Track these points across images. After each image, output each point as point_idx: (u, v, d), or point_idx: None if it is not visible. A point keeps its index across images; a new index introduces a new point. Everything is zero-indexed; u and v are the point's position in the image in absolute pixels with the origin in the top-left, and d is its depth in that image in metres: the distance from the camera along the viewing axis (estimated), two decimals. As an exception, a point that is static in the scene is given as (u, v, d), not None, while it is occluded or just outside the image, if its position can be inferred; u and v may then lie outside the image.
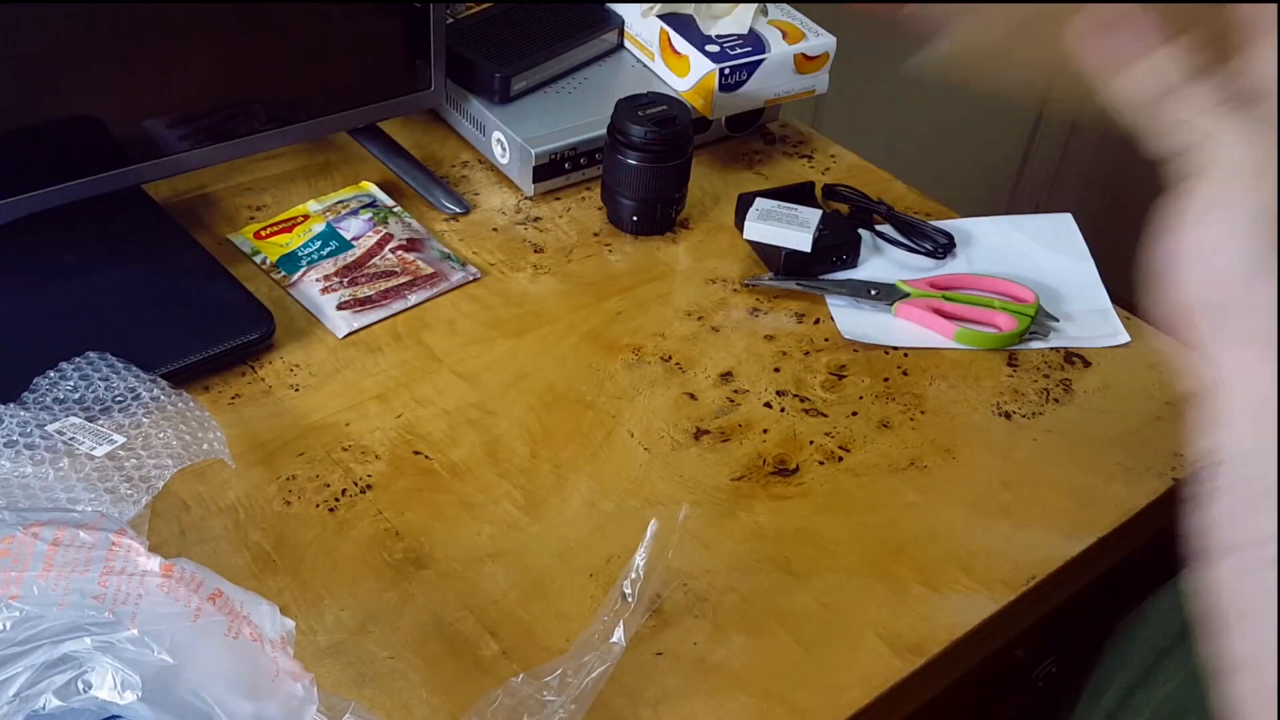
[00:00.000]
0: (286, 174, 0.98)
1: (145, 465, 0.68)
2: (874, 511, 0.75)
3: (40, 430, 0.68)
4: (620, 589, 0.63)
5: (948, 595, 0.70)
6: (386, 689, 0.63)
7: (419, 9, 0.93)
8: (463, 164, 1.02)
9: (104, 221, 0.87)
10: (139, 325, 0.80)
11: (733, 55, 1.00)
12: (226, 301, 0.83)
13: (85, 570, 0.53)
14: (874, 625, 0.68)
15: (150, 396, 0.72)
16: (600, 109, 0.97)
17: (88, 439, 0.68)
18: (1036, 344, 0.88)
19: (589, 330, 0.87)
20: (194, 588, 0.54)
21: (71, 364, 0.73)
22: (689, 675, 0.65)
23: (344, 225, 0.92)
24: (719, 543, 0.72)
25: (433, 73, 0.97)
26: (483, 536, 0.72)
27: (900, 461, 0.78)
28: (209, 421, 0.71)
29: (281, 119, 0.92)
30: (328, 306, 0.86)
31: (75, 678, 0.51)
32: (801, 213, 0.91)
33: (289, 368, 0.82)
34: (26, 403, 0.71)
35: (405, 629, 0.66)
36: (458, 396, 0.81)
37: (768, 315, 0.89)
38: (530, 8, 1.07)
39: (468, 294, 0.89)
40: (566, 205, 0.99)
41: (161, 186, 0.93)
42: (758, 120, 1.08)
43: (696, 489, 0.76)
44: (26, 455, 0.66)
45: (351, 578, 0.69)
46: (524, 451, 0.77)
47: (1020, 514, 0.75)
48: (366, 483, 0.74)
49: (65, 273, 0.83)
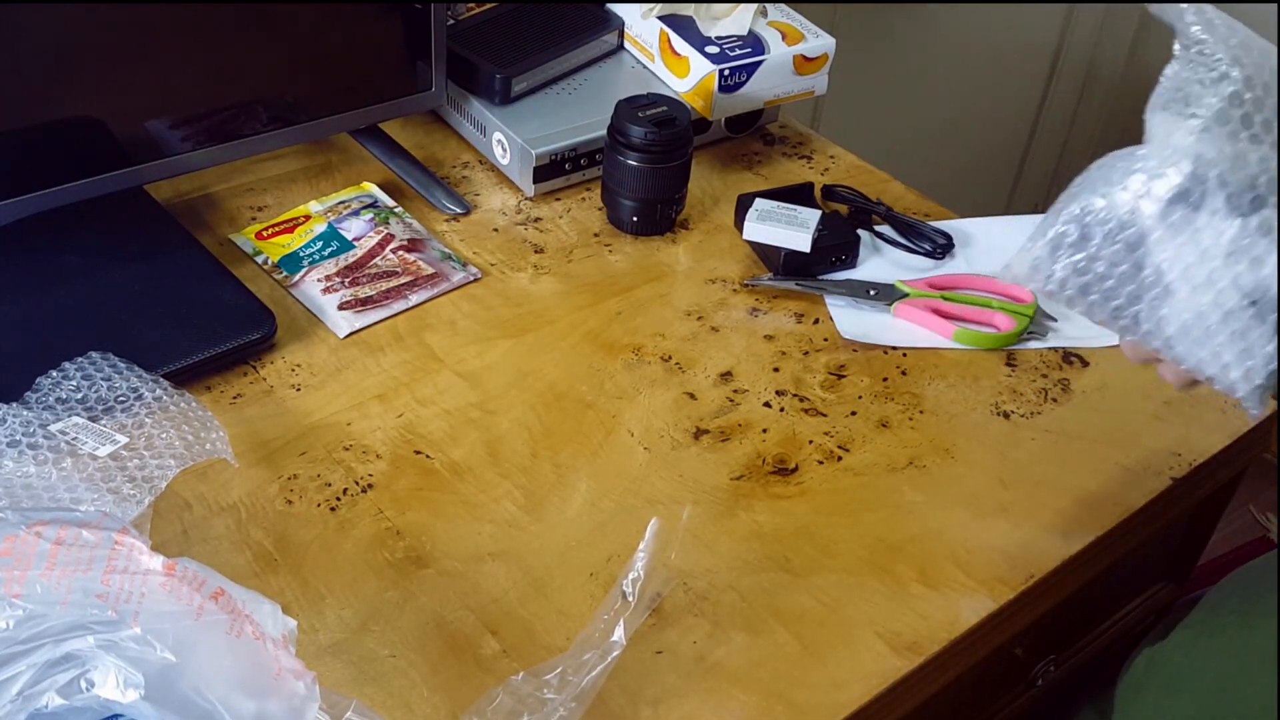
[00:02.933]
0: (288, 175, 0.99)
1: (148, 465, 0.68)
2: (873, 511, 0.75)
3: (43, 430, 0.68)
4: (620, 588, 0.63)
5: (947, 594, 0.71)
6: (388, 687, 0.63)
7: (420, 10, 0.93)
8: (463, 165, 1.02)
9: (106, 222, 0.87)
10: (141, 325, 0.80)
11: (732, 56, 1.00)
12: (228, 302, 0.84)
13: (88, 569, 0.53)
14: (873, 624, 0.69)
15: (153, 396, 0.72)
16: (600, 110, 0.97)
17: (90, 439, 0.69)
18: (1035, 344, 0.88)
19: (589, 330, 0.87)
20: (196, 586, 0.54)
21: (74, 364, 0.73)
22: (689, 674, 0.66)
23: (345, 226, 0.92)
24: (719, 542, 0.73)
25: (433, 74, 0.97)
26: (483, 536, 0.72)
27: (899, 461, 0.78)
28: (211, 421, 0.72)
29: (283, 120, 0.92)
30: (329, 306, 0.86)
31: (78, 676, 0.51)
32: (801, 213, 0.91)
33: (290, 368, 0.82)
34: (29, 402, 0.71)
35: (406, 628, 0.67)
36: (458, 396, 0.81)
37: (767, 315, 0.90)
38: (530, 9, 1.07)
39: (468, 294, 0.89)
40: (567, 206, 0.99)
41: (163, 187, 0.93)
42: (757, 121, 1.08)
43: (696, 488, 0.76)
44: (29, 455, 0.67)
45: (353, 577, 0.69)
46: (524, 451, 0.77)
47: (1019, 513, 0.76)
48: (368, 482, 0.75)
49: (68, 273, 0.83)
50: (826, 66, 1.04)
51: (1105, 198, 0.62)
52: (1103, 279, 0.62)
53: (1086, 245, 0.62)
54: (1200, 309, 0.60)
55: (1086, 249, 0.62)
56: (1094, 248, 0.62)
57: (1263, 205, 0.59)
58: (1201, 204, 0.59)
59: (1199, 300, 0.60)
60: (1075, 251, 0.62)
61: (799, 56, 1.02)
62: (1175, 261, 0.60)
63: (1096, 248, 0.62)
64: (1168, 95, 0.61)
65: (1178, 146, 0.60)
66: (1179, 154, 0.60)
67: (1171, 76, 0.61)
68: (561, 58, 1.04)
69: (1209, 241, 0.59)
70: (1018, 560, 0.73)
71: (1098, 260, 0.62)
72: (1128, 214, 0.61)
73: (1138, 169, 0.61)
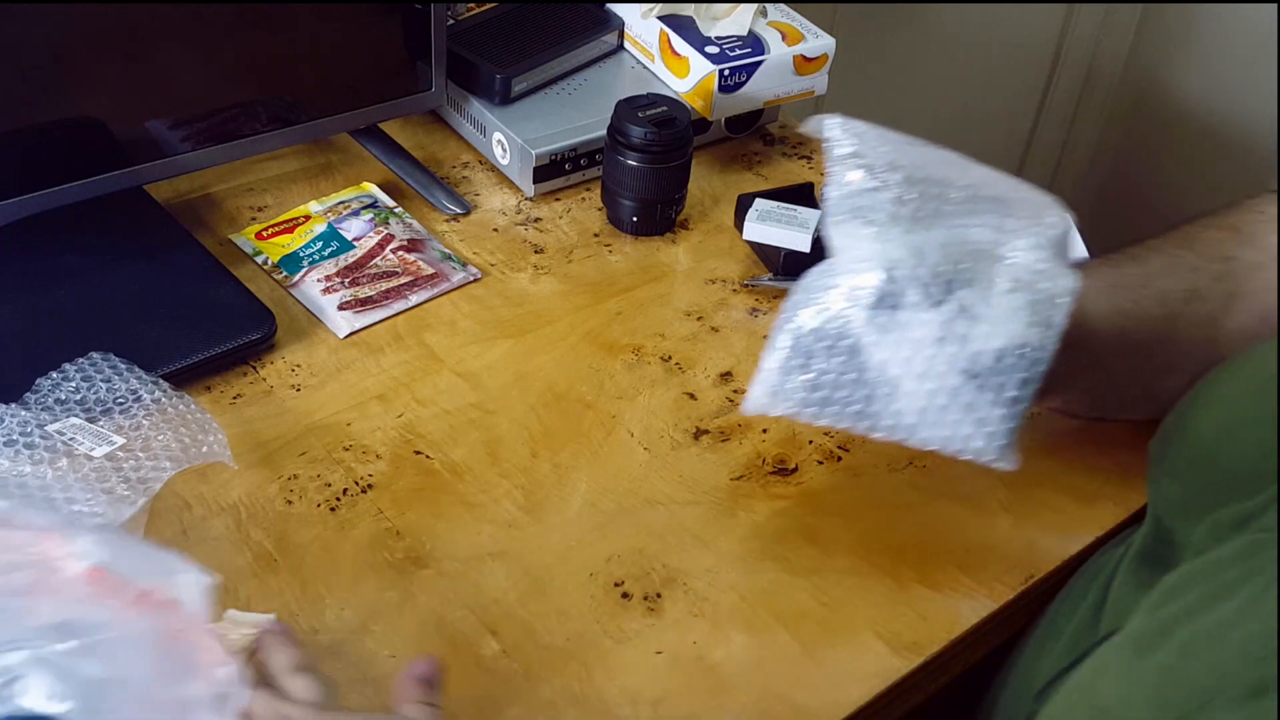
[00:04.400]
0: (288, 175, 0.99)
1: (143, 467, 0.68)
2: (873, 510, 0.75)
3: (40, 430, 0.68)
4: None
5: (947, 594, 0.71)
6: (388, 688, 0.63)
7: (420, 10, 0.93)
8: (463, 165, 1.02)
9: (106, 222, 0.87)
10: (141, 325, 0.80)
11: (732, 57, 1.00)
12: (228, 302, 0.84)
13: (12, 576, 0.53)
14: (873, 624, 0.69)
15: (151, 399, 0.72)
16: (600, 110, 0.97)
17: (87, 439, 0.69)
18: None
19: (589, 330, 0.87)
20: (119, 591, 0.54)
21: (74, 365, 0.73)
22: (689, 674, 0.66)
23: (345, 226, 0.92)
24: (719, 542, 0.73)
25: (433, 74, 0.97)
26: (483, 536, 0.72)
27: (899, 460, 0.78)
28: (210, 424, 0.72)
29: (283, 120, 0.92)
30: (329, 307, 0.86)
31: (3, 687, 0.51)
32: (801, 213, 0.91)
33: (290, 368, 0.82)
34: (28, 403, 0.71)
35: (406, 628, 0.67)
36: (458, 396, 0.81)
37: (767, 315, 0.90)
38: (530, 9, 1.07)
39: (468, 294, 0.89)
40: (566, 206, 0.99)
41: (163, 187, 0.93)
42: (757, 121, 1.08)
43: (696, 489, 0.76)
44: (25, 455, 0.67)
45: (353, 577, 0.69)
46: (524, 451, 0.77)
47: (1019, 513, 0.76)
48: (367, 482, 0.75)
49: (67, 273, 0.83)
50: (826, 66, 1.04)
51: (815, 316, 0.65)
52: (835, 389, 0.65)
53: (811, 364, 0.65)
54: (929, 394, 0.64)
55: (813, 367, 0.65)
56: (819, 364, 0.65)
57: (954, 288, 0.63)
58: (900, 302, 0.64)
59: (925, 387, 0.64)
60: (803, 371, 0.66)
61: (799, 56, 1.02)
62: (894, 358, 0.64)
63: (822, 364, 0.65)
64: (840, 210, 0.65)
65: (865, 255, 0.64)
66: (868, 261, 0.64)
67: (837, 193, 0.65)
68: (561, 58, 1.04)
69: (918, 333, 0.63)
70: (1018, 560, 0.73)
71: (826, 374, 0.65)
72: (838, 327, 0.65)
73: (835, 284, 0.65)
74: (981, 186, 0.67)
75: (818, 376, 0.65)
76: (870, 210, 0.64)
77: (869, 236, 0.64)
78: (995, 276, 0.64)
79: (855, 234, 0.65)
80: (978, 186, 0.67)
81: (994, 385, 0.63)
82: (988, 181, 0.68)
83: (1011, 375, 0.63)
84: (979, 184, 0.67)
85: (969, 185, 0.66)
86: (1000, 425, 0.64)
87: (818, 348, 0.65)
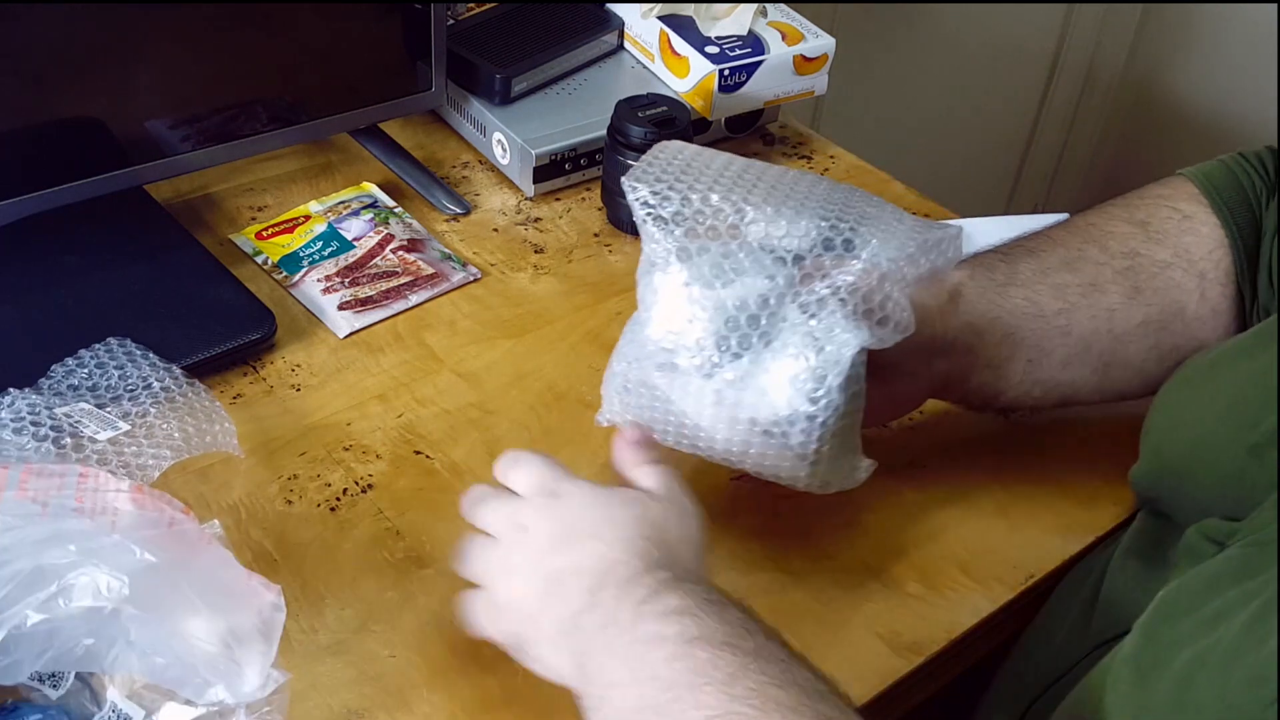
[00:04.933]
0: (288, 175, 0.99)
1: (144, 454, 0.68)
2: (872, 511, 0.75)
3: (49, 413, 0.69)
4: None
5: (946, 594, 0.71)
6: (388, 687, 0.63)
7: (420, 10, 0.93)
8: (463, 165, 1.02)
9: (106, 222, 0.87)
10: (141, 325, 0.80)
11: (732, 56, 1.00)
12: (228, 302, 0.84)
13: (60, 490, 0.56)
14: (872, 624, 0.69)
15: (161, 386, 0.72)
16: (600, 110, 0.97)
17: (92, 423, 0.69)
18: (1034, 344, 0.89)
19: (589, 330, 0.87)
20: (165, 502, 0.57)
21: (90, 351, 0.74)
22: (688, 674, 0.65)
23: (345, 226, 0.92)
24: (718, 542, 0.72)
25: (433, 74, 0.97)
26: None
27: (899, 461, 0.78)
28: (218, 413, 0.72)
29: (283, 120, 0.92)
30: (329, 306, 0.86)
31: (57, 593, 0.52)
32: (800, 213, 0.91)
33: (290, 368, 0.82)
34: (41, 388, 0.72)
35: (406, 628, 0.67)
36: (458, 396, 0.81)
37: (767, 315, 0.89)
38: (530, 9, 1.07)
39: (468, 294, 0.89)
40: (566, 206, 0.99)
41: (163, 187, 0.93)
42: (757, 121, 1.08)
43: (696, 489, 0.76)
44: (30, 433, 0.67)
45: (353, 577, 0.69)
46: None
47: (1018, 513, 0.76)
48: (368, 482, 0.75)
49: (68, 273, 0.83)
50: (826, 66, 1.04)
51: (620, 361, 0.67)
52: (656, 422, 0.67)
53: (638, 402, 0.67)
54: (726, 441, 0.65)
55: (639, 406, 0.67)
56: (634, 400, 0.67)
57: (726, 351, 0.63)
58: (676, 364, 0.64)
59: (720, 435, 0.65)
60: (640, 412, 0.67)
61: (799, 56, 1.02)
62: (688, 409, 0.65)
63: (637, 399, 0.66)
64: (643, 262, 0.66)
65: (652, 313, 0.65)
66: (651, 322, 0.65)
67: (645, 245, 0.65)
68: (561, 58, 1.04)
69: (695, 394, 0.64)
70: (1017, 560, 0.73)
71: (643, 409, 0.66)
72: (638, 375, 0.66)
73: (633, 335, 0.67)
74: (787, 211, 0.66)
75: (649, 414, 0.66)
76: (660, 264, 0.64)
77: (664, 289, 0.65)
78: (775, 337, 0.63)
79: (650, 286, 0.65)
80: (782, 213, 0.66)
81: (778, 442, 0.63)
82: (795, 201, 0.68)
83: (793, 435, 0.63)
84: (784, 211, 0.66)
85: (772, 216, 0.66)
86: (803, 468, 0.64)
87: (632, 385, 0.67)
